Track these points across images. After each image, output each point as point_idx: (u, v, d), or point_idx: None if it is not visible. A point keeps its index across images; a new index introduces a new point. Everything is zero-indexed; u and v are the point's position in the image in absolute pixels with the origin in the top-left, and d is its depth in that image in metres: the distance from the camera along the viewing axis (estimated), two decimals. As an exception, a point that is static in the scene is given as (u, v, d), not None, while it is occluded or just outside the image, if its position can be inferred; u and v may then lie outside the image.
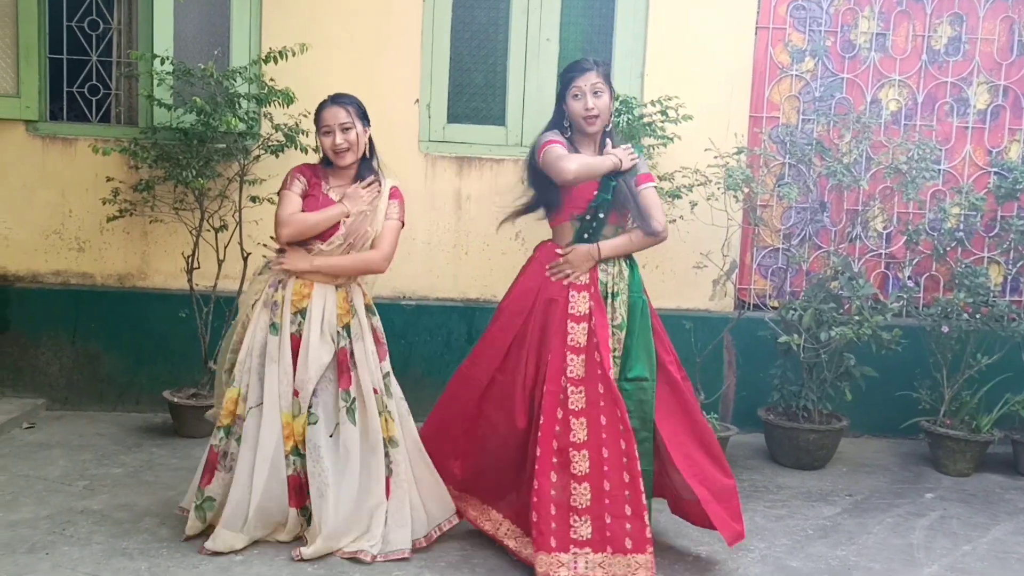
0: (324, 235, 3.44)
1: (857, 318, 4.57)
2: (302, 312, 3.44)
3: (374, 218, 3.52)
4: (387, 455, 3.48)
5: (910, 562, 3.70)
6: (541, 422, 3.37)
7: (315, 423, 3.42)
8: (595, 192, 3.47)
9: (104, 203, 4.74)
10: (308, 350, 3.41)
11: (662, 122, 4.87)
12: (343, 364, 3.46)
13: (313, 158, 4.82)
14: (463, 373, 3.69)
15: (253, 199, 4.79)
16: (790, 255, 5.14)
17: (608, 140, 3.55)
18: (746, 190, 4.78)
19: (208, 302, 4.75)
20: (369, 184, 3.54)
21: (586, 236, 3.52)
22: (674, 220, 4.96)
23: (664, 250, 5.21)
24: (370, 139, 3.61)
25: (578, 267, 3.49)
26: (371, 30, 5.08)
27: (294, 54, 4.63)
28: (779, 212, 5.35)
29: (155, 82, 4.75)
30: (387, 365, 3.60)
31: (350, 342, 3.47)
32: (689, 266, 5.20)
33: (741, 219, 5.09)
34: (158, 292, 5.08)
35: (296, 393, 3.41)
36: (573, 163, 3.37)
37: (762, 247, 5.38)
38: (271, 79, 4.68)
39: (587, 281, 3.50)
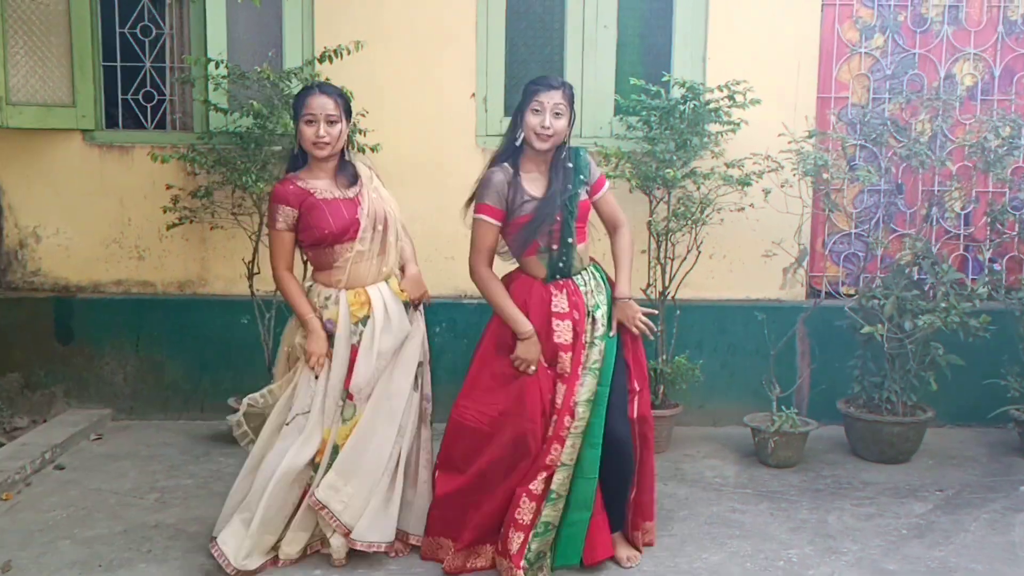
0: (351, 233, 3.34)
1: (943, 305, 4.36)
2: (363, 321, 3.35)
3: (380, 196, 3.45)
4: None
5: (1014, 561, 3.52)
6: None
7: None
8: (558, 220, 3.36)
9: (164, 211, 4.69)
10: (372, 353, 3.33)
11: (729, 107, 4.70)
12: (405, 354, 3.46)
13: (373, 159, 4.76)
14: (461, 423, 3.47)
15: (312, 201, 4.70)
16: (866, 240, 4.94)
17: (557, 164, 3.42)
18: (824, 175, 4.57)
19: (270, 307, 4.68)
20: None
21: (560, 265, 3.42)
22: (743, 208, 4.81)
23: (731, 239, 5.07)
24: (350, 135, 3.52)
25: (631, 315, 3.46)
26: (426, 24, 4.97)
27: (348, 52, 4.55)
28: (851, 196, 5.15)
29: (210, 87, 4.68)
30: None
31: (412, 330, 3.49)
32: (757, 255, 5.02)
33: (812, 205, 4.90)
34: (219, 298, 5.03)
35: (351, 397, 3.34)
36: (481, 269, 3.52)
37: (833, 233, 5.18)
38: (326, 78, 4.59)
39: (567, 307, 3.41)
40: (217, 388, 4.93)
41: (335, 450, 3.34)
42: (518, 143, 3.38)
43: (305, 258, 3.51)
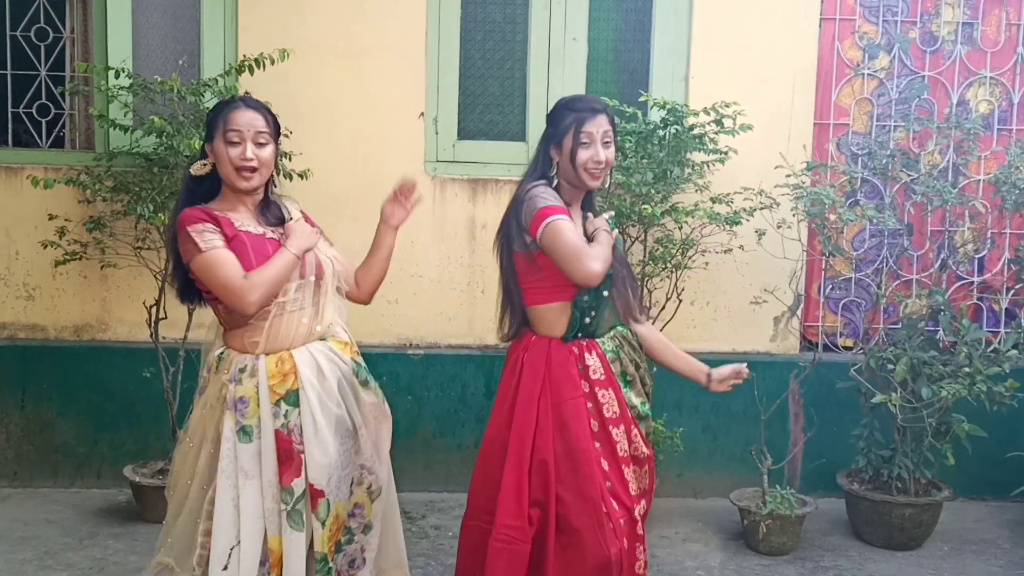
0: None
1: (967, 370, 3.73)
2: (288, 397, 2.54)
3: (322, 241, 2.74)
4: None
5: None
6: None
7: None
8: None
9: (45, 246, 4.00)
10: (315, 440, 2.55)
11: (715, 133, 4.09)
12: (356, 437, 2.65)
13: (301, 187, 4.07)
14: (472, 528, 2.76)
15: (231, 236, 4.03)
16: (869, 288, 4.32)
17: (589, 202, 2.81)
18: (832, 216, 3.94)
19: (175, 358, 3.98)
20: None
21: (587, 322, 2.69)
22: (729, 250, 4.19)
23: (716, 284, 4.45)
24: (277, 163, 2.76)
25: None
26: (366, 33, 4.33)
27: (272, 62, 3.91)
28: (850, 236, 4.54)
29: (109, 99, 4.01)
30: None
31: (355, 407, 2.66)
32: (745, 302, 4.41)
33: (808, 247, 4.30)
34: (121, 346, 4.32)
35: (319, 495, 2.56)
36: (598, 262, 2.56)
37: (830, 278, 4.56)
38: (246, 91, 3.92)
39: (603, 374, 2.70)
40: (116, 452, 4.24)
41: (324, 560, 2.58)
42: (553, 184, 2.69)
43: (214, 315, 2.69)
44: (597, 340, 2.70)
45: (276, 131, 2.67)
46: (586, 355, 2.67)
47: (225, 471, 2.53)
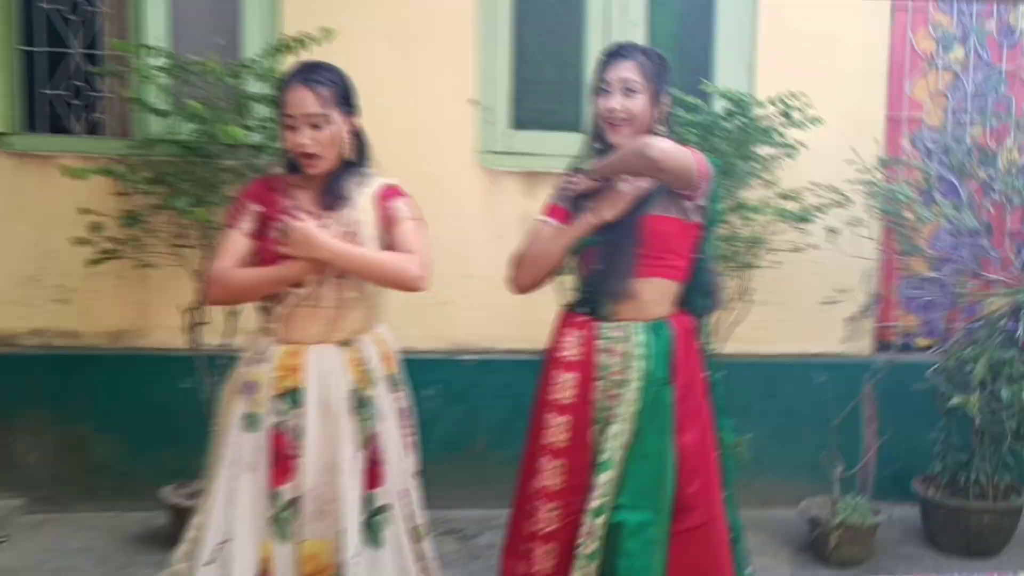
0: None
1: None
2: (291, 394, 2.39)
3: (358, 233, 2.45)
4: None
5: None
6: None
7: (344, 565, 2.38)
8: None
9: (77, 243, 3.76)
10: (312, 446, 2.37)
11: (783, 126, 3.88)
12: (369, 456, 2.43)
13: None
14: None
15: (274, 231, 3.81)
16: (949, 287, 4.14)
17: None
18: (907, 214, 3.75)
19: (216, 365, 3.73)
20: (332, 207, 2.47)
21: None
22: (800, 249, 4.00)
23: (784, 284, 4.25)
24: (359, 133, 2.55)
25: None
26: (414, 15, 4.11)
27: (315, 43, 3.64)
28: (926, 234, 4.35)
29: (144, 81, 3.75)
30: (413, 462, 2.59)
31: (374, 424, 2.44)
32: (814, 303, 4.21)
33: (884, 244, 4.11)
34: (161, 354, 4.05)
35: (293, 514, 2.38)
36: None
37: (906, 277, 4.38)
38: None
39: (578, 355, 2.48)
40: (156, 470, 3.89)
41: None
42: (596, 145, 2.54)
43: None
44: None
45: (342, 100, 2.46)
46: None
47: (226, 460, 2.38)
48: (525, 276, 2.56)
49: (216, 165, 3.66)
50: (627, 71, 2.44)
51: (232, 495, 2.36)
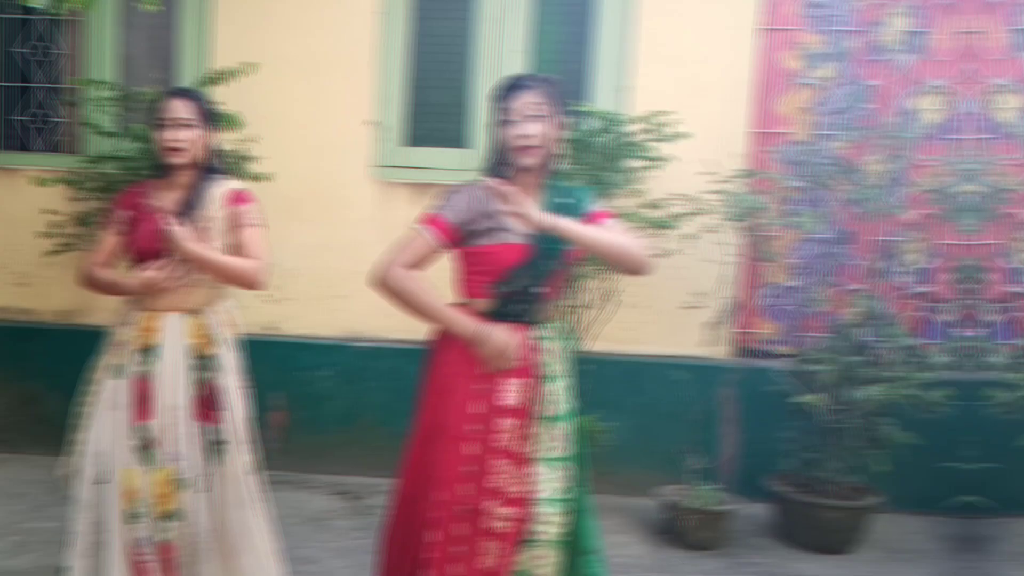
0: (156, 257, 2.94)
1: (894, 375, 3.77)
2: (148, 350, 2.96)
3: (211, 233, 2.97)
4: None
5: None
6: None
7: (187, 487, 2.94)
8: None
9: (37, 237, 4.52)
10: (164, 391, 2.93)
11: (650, 140, 4.22)
12: (208, 401, 2.97)
13: (262, 190, 4.44)
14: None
15: (193, 231, 4.47)
16: (806, 295, 4.33)
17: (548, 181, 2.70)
18: (755, 221, 4.02)
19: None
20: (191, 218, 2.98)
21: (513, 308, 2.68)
22: (663, 254, 4.30)
23: (649, 288, 4.54)
24: (218, 151, 3.12)
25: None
26: (322, 48, 4.66)
27: (235, 76, 4.27)
28: (788, 244, 4.55)
29: (94, 109, 4.50)
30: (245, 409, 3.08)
31: (214, 376, 2.97)
32: (677, 306, 4.49)
33: (744, 253, 4.36)
34: (102, 329, 4.78)
35: (151, 444, 2.92)
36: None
37: (767, 285, 4.59)
38: (220, 103, 4.34)
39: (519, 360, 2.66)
40: None
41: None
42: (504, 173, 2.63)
43: None
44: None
45: (207, 117, 3.02)
46: None
47: (100, 400, 3.00)
48: (387, 296, 2.70)
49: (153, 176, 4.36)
50: (533, 98, 2.56)
51: (102, 427, 2.96)
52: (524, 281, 2.63)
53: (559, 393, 2.69)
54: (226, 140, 4.30)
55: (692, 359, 4.58)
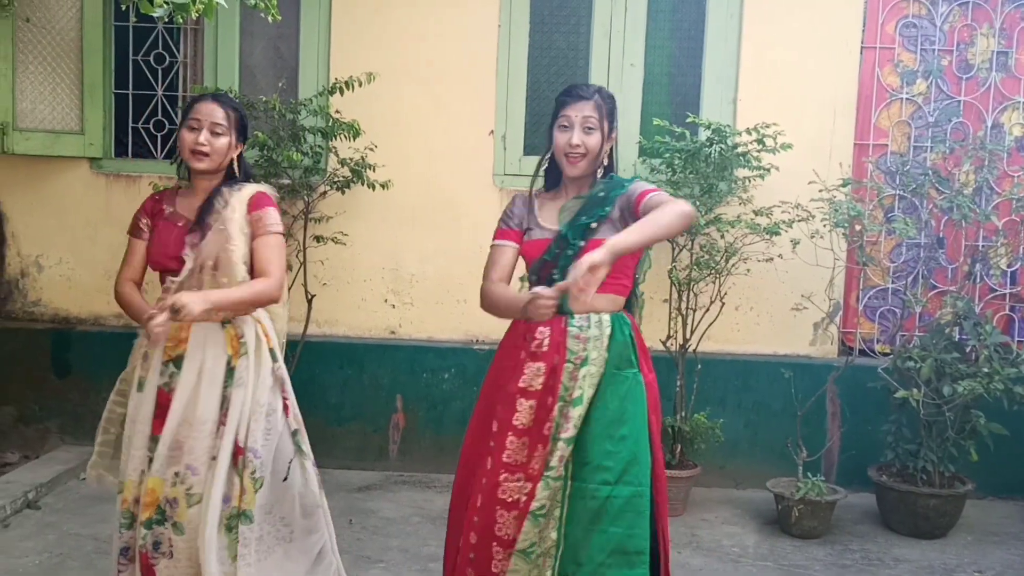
0: (174, 268, 2.82)
1: (986, 370, 4.04)
2: (176, 361, 2.79)
3: (229, 234, 2.79)
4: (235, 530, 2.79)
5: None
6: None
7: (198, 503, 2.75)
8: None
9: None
10: (187, 404, 2.75)
11: (758, 151, 4.46)
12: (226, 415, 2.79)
13: (382, 198, 4.59)
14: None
15: (318, 238, 4.55)
16: (903, 297, 4.63)
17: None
18: (857, 227, 4.30)
19: (294, 348, 4.45)
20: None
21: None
22: (771, 259, 4.55)
23: (758, 291, 4.81)
24: (243, 161, 2.94)
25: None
26: (444, 59, 4.81)
27: (360, 84, 4.39)
28: (887, 249, 4.86)
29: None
30: (295, 421, 2.92)
31: (244, 389, 2.78)
32: (787, 308, 4.74)
33: (846, 257, 4.63)
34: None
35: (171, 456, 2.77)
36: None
37: (868, 287, 4.89)
38: (337, 111, 4.43)
39: (547, 347, 2.71)
40: None
41: (160, 511, 2.79)
42: (544, 167, 2.85)
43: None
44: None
45: (241, 129, 2.87)
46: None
47: (128, 412, 2.87)
48: (490, 311, 2.94)
49: (275, 183, 4.42)
50: (587, 110, 2.68)
51: (128, 441, 2.83)
52: (550, 273, 2.73)
53: (585, 378, 2.66)
54: (346, 148, 4.47)
55: (799, 358, 4.85)
